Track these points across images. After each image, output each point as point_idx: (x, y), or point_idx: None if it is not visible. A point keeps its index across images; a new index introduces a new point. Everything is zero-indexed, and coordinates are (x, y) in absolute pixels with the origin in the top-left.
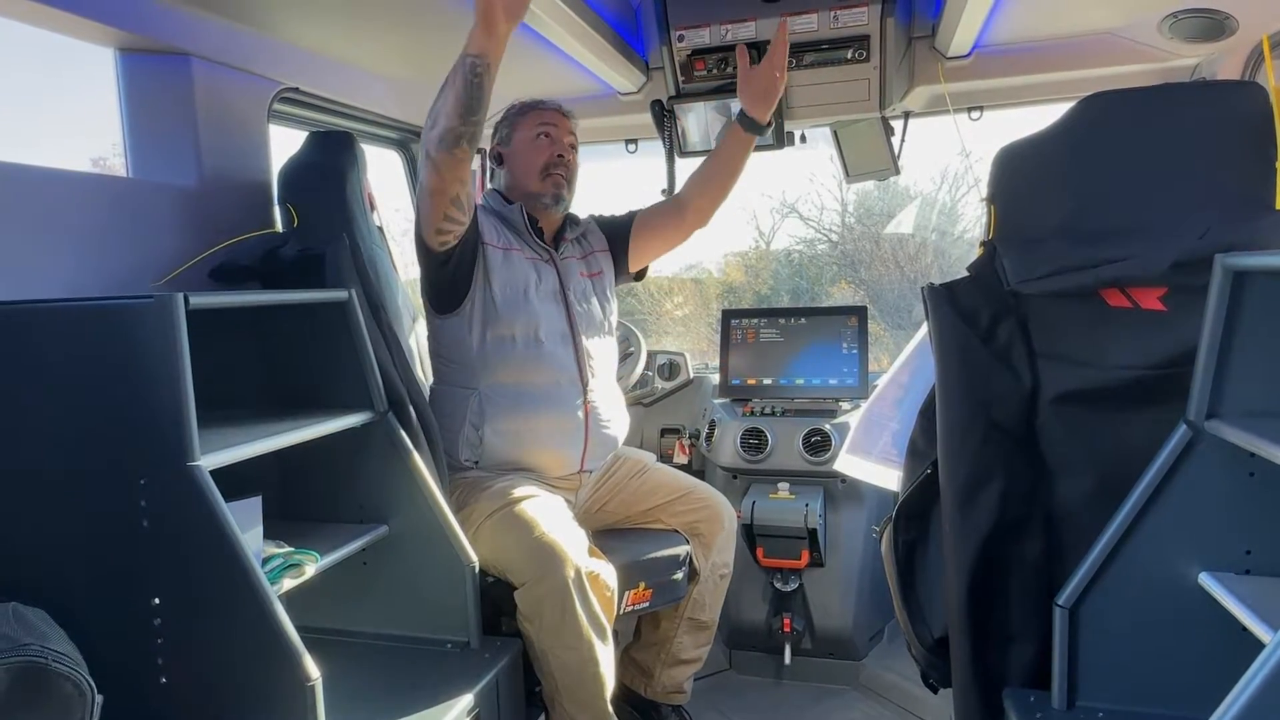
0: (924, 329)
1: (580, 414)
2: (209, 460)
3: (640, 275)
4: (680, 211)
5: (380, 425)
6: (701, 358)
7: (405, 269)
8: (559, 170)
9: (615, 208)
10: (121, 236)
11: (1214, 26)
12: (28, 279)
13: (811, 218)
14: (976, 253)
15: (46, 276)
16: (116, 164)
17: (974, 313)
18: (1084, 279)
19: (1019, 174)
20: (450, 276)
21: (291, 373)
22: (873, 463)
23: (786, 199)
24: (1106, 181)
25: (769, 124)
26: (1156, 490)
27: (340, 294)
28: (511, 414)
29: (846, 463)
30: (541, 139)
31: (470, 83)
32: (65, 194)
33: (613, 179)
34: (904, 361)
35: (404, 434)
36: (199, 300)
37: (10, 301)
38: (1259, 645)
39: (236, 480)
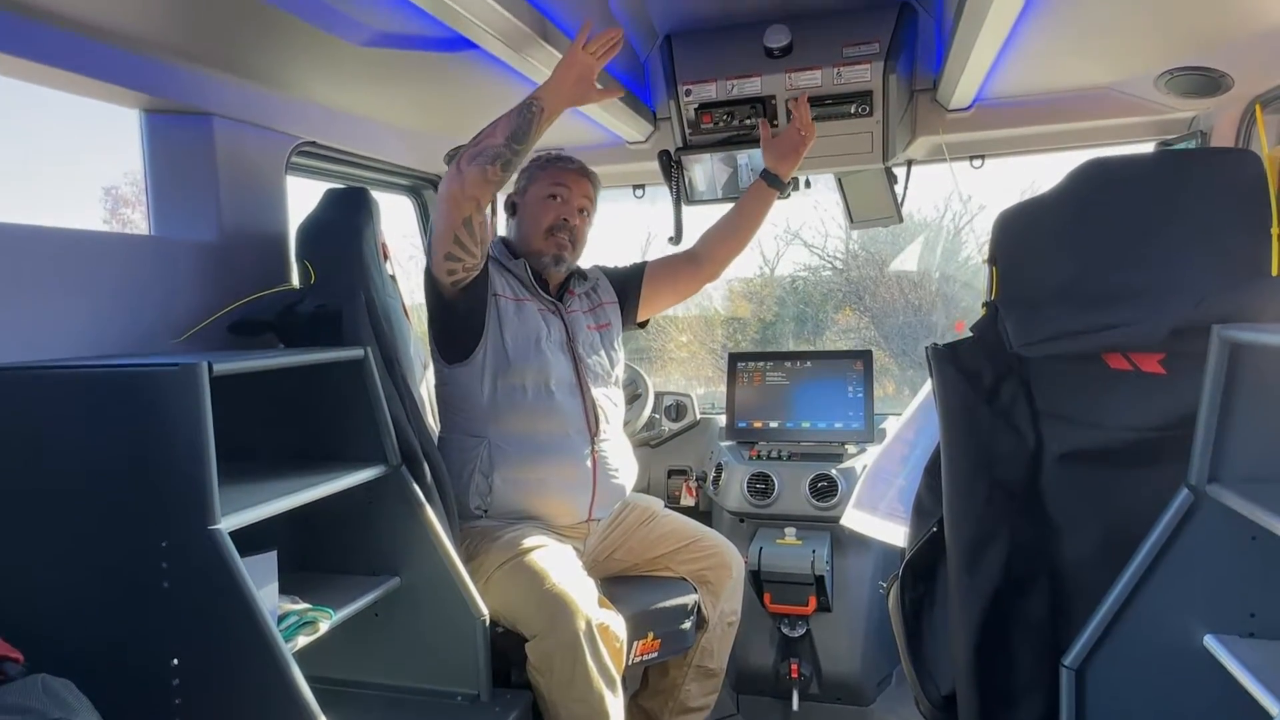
0: (928, 386)
1: (589, 463)
2: (229, 522)
3: (644, 324)
4: (695, 264)
5: (393, 478)
6: (706, 384)
7: (418, 319)
8: (562, 234)
9: (625, 241)
10: (143, 293)
11: (1209, 84)
12: (50, 339)
13: (816, 245)
14: (980, 310)
15: (69, 335)
16: (127, 192)
17: (977, 373)
18: (1085, 343)
19: (1019, 237)
20: (461, 324)
21: (307, 426)
22: (879, 518)
23: (790, 226)
24: (1105, 246)
25: (791, 182)
26: (1160, 553)
27: (356, 352)
28: (521, 463)
29: (853, 518)
30: (552, 200)
31: (524, 114)
32: (88, 254)
33: (620, 220)
34: (909, 418)
35: (416, 487)
36: (222, 366)
37: (35, 364)
38: (1264, 713)
39: (251, 531)
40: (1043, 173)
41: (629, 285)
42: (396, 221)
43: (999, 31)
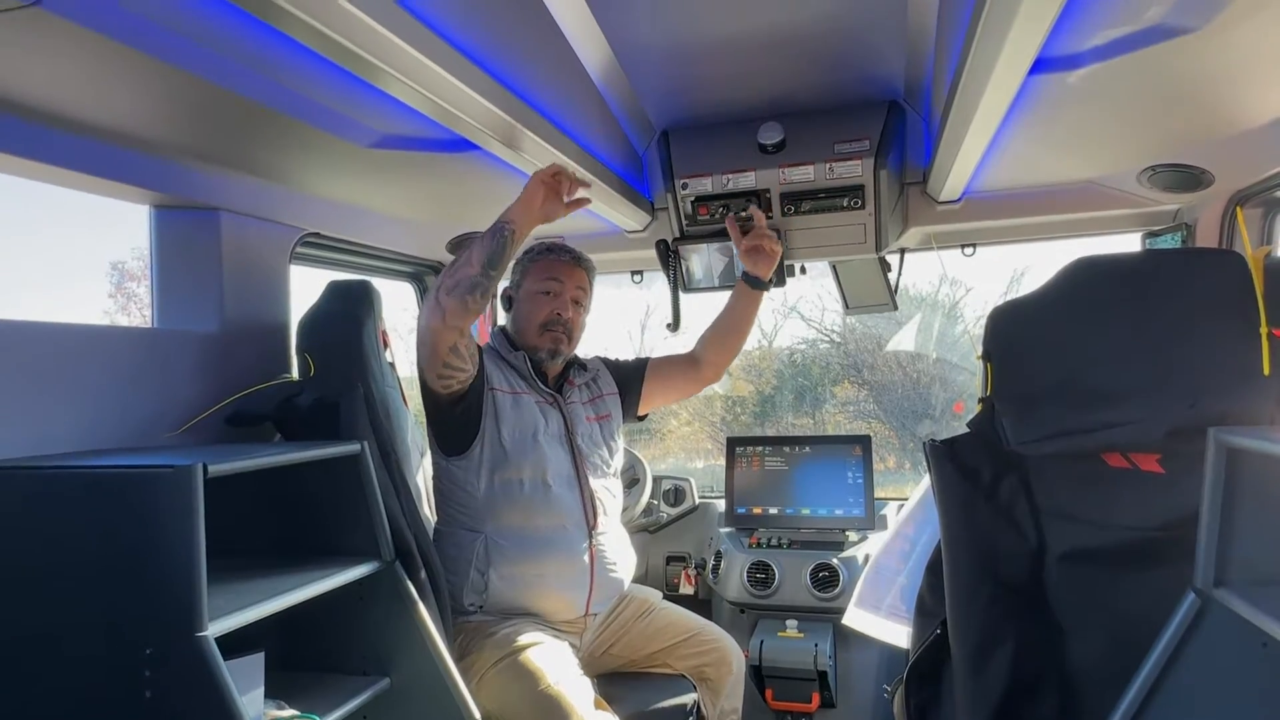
0: (927, 481)
1: (586, 558)
2: (217, 627)
3: (643, 417)
4: (696, 366)
5: (386, 574)
6: (705, 457)
7: (416, 403)
8: (557, 328)
9: (624, 320)
10: (143, 385)
11: (1190, 180)
12: (48, 433)
13: (813, 318)
14: (973, 388)
15: (66, 429)
16: (134, 267)
17: (976, 470)
18: (1082, 443)
19: (1012, 334)
20: (459, 421)
21: (300, 518)
22: (881, 618)
23: (787, 299)
24: (1097, 345)
25: (773, 280)
26: (1170, 661)
27: (353, 447)
28: (518, 558)
29: (855, 618)
30: (545, 295)
31: (497, 240)
32: (89, 349)
33: (619, 298)
34: (909, 514)
35: (409, 583)
36: (217, 467)
37: (25, 463)
38: None
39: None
40: (1034, 257)
41: (630, 379)
42: (398, 295)
43: (985, 132)
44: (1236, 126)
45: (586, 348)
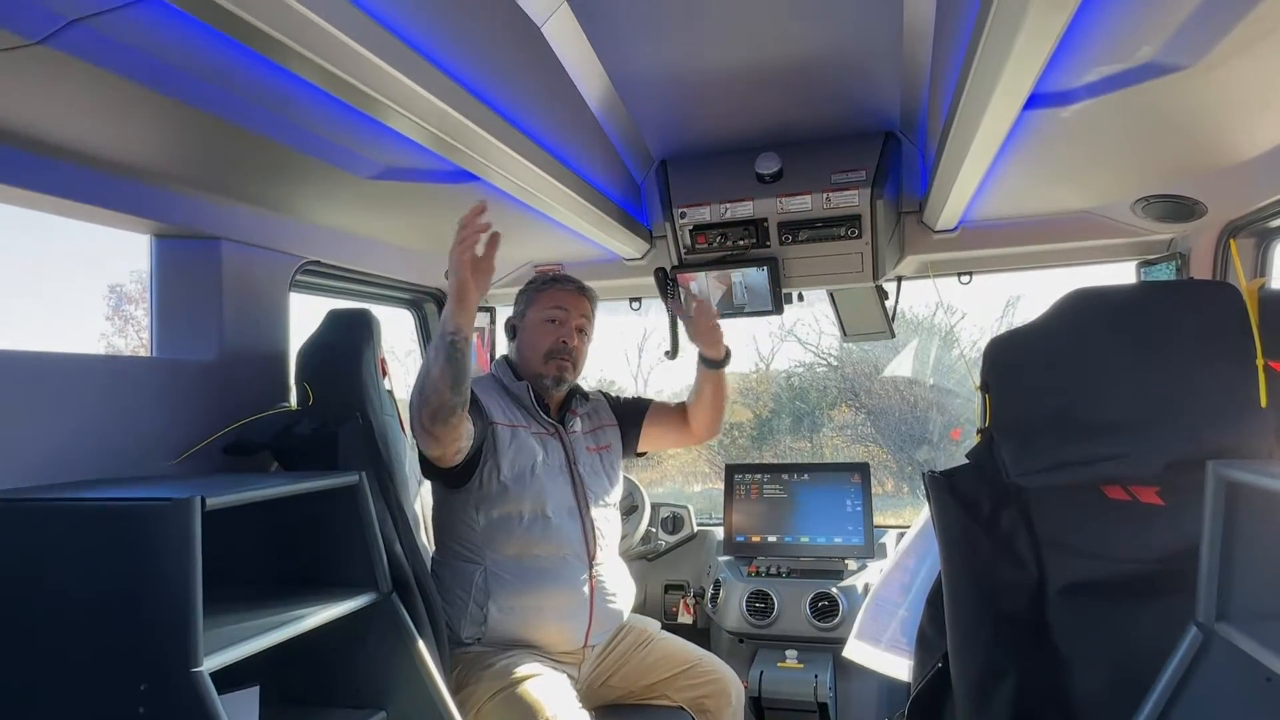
0: (926, 512)
1: (585, 589)
2: (212, 662)
3: (642, 454)
4: (687, 425)
5: (383, 605)
6: (703, 480)
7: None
8: (562, 356)
9: (622, 343)
10: (142, 414)
11: (1183, 210)
12: (45, 463)
13: (810, 342)
14: (970, 414)
15: (63, 458)
16: (132, 290)
17: (975, 501)
18: (1081, 474)
19: (1010, 365)
20: (460, 466)
21: (298, 548)
22: (882, 650)
23: (785, 323)
24: (1094, 377)
25: (727, 357)
26: (1173, 694)
27: (351, 477)
28: (517, 590)
29: (855, 650)
30: (550, 324)
31: (452, 358)
32: (88, 379)
33: (618, 320)
34: (909, 546)
35: (406, 615)
36: (216, 500)
37: (22, 495)
38: None
39: None
40: (1028, 284)
41: (630, 417)
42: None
43: (980, 164)
44: (1228, 159)
45: (585, 368)
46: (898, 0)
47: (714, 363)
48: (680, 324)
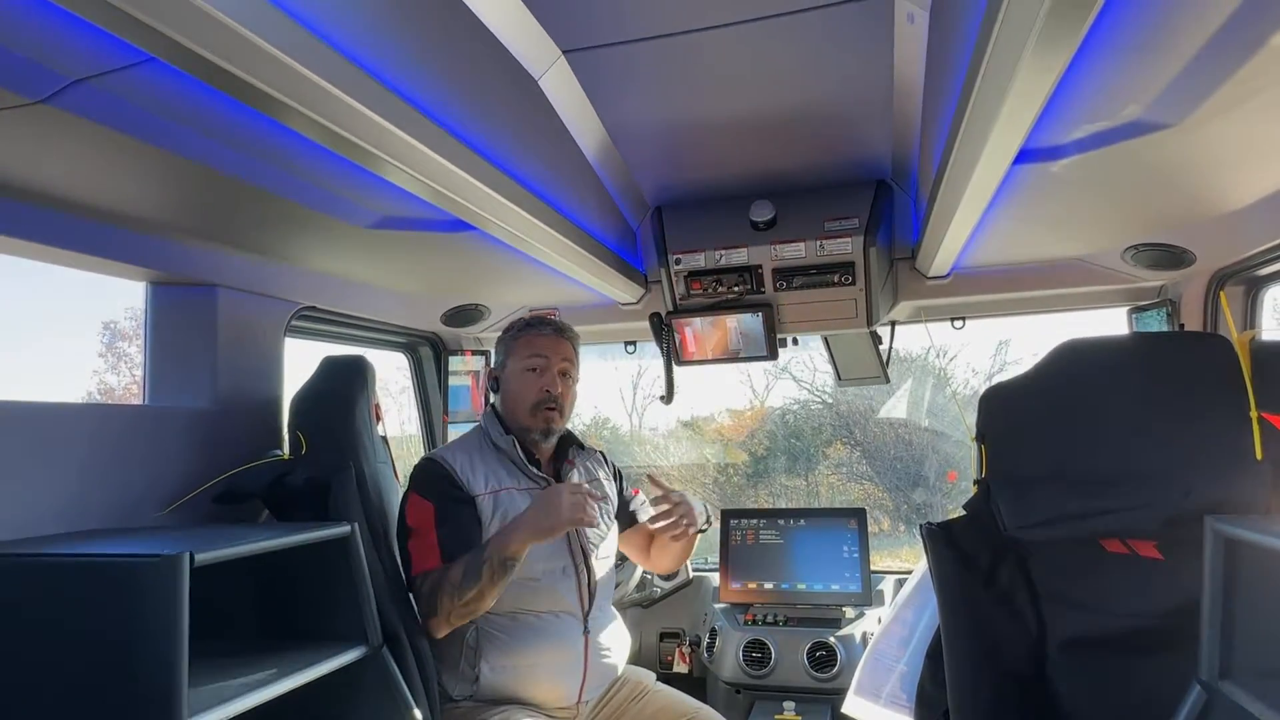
0: (924, 564)
1: (580, 645)
2: None
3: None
4: (649, 555)
5: (373, 660)
6: (702, 500)
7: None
8: (548, 406)
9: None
10: (133, 463)
11: (1173, 258)
12: (31, 513)
13: (804, 379)
14: (965, 452)
15: (52, 508)
16: (126, 326)
17: (973, 554)
18: (1079, 528)
19: (1004, 416)
20: None
21: (287, 600)
22: (881, 706)
23: (779, 360)
24: (1089, 429)
25: (709, 523)
26: None
27: (343, 529)
28: (509, 648)
29: (855, 706)
30: (531, 373)
31: (502, 580)
32: (79, 428)
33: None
34: (907, 598)
35: (397, 670)
36: (205, 555)
37: (6, 550)
38: None
39: None
40: (1017, 326)
41: (621, 495)
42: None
43: (971, 215)
44: (1215, 210)
45: (579, 405)
46: (888, 55)
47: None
48: (675, 370)
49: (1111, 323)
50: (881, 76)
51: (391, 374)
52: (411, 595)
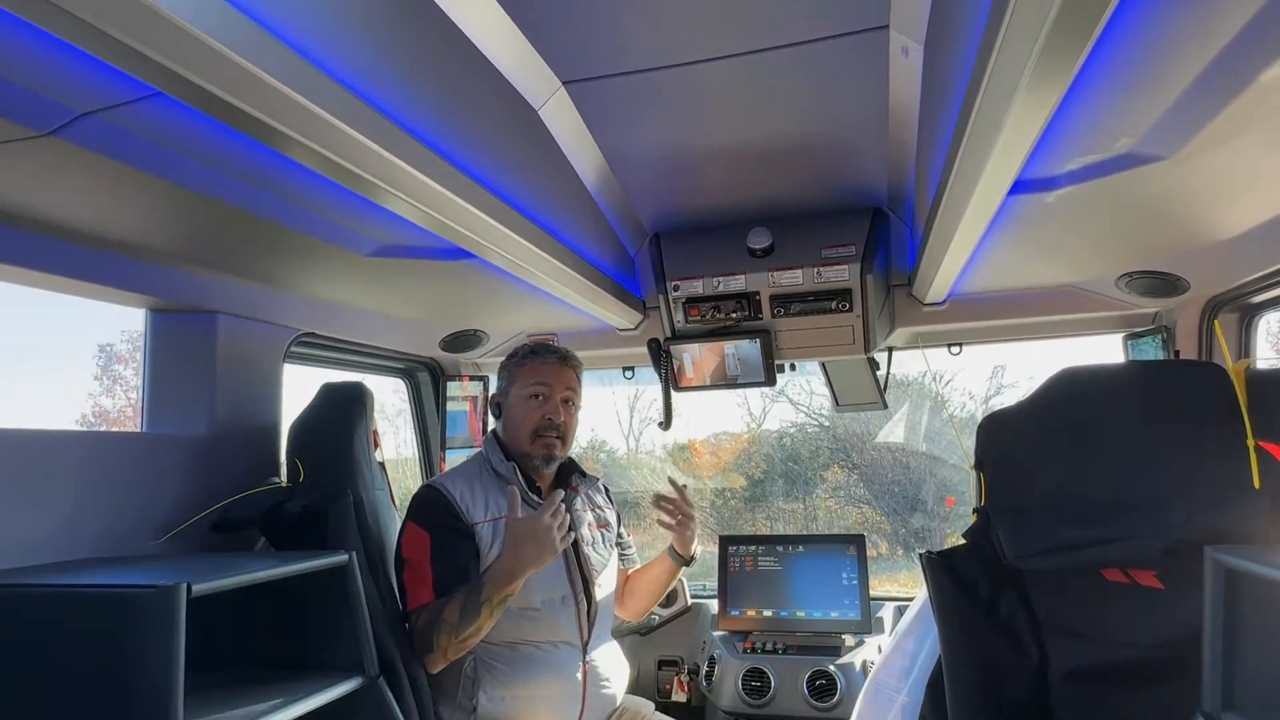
0: (924, 594)
1: (579, 675)
2: None
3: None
4: (623, 599)
5: (370, 691)
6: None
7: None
8: (550, 434)
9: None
10: (130, 491)
11: (1166, 286)
12: (27, 541)
13: (801, 402)
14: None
15: (48, 537)
16: (122, 349)
17: (973, 583)
18: (1079, 558)
19: (1003, 443)
20: None
21: (284, 629)
22: None
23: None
24: (1087, 458)
25: (692, 559)
26: None
27: (340, 558)
28: (508, 679)
29: None
30: (534, 400)
31: (497, 614)
32: (72, 455)
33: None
34: (907, 628)
35: (394, 701)
36: (202, 586)
37: (1, 580)
38: None
39: None
40: (1012, 350)
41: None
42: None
43: (967, 243)
44: (1207, 238)
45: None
46: (883, 87)
47: (681, 558)
48: (672, 397)
49: (1107, 348)
50: (877, 108)
51: (387, 397)
52: (407, 627)
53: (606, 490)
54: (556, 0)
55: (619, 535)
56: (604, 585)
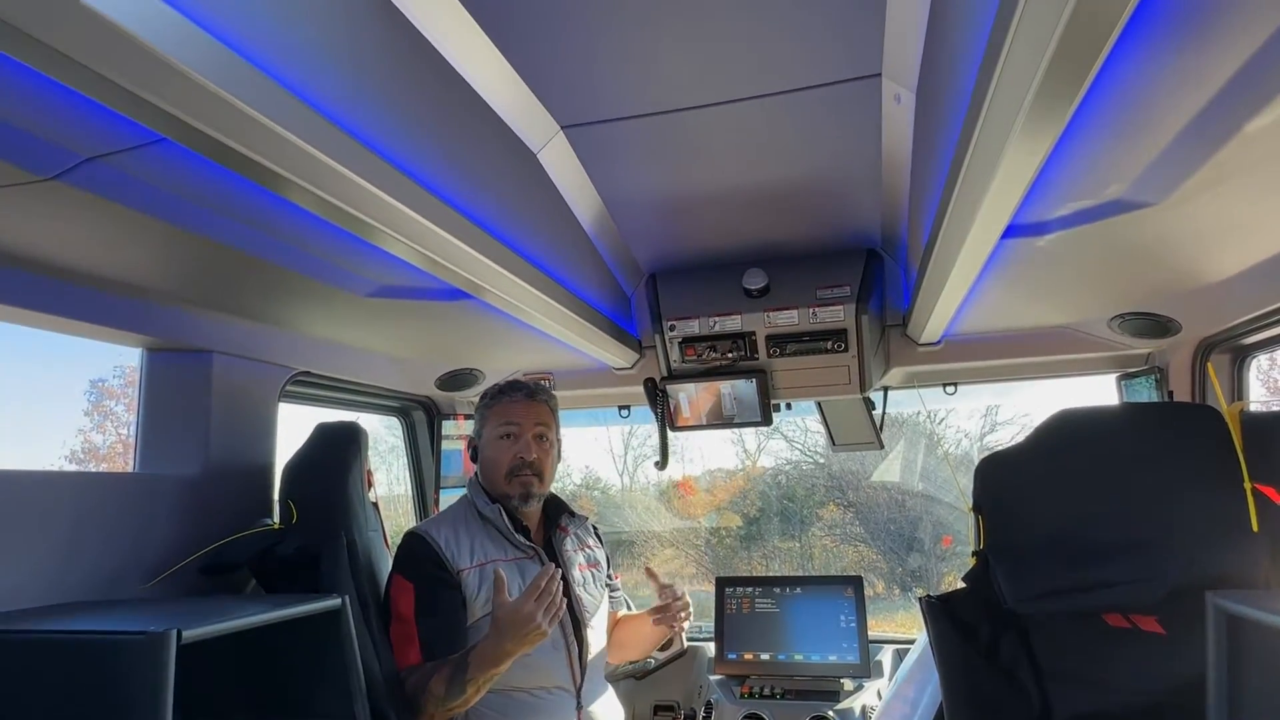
0: (924, 639)
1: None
2: None
3: None
4: (609, 646)
5: None
6: (689, 582)
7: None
8: (524, 471)
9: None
10: (117, 533)
11: (1158, 327)
12: (14, 584)
13: (796, 439)
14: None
15: (35, 579)
16: (114, 385)
17: (974, 628)
18: (1080, 602)
19: (1001, 485)
20: None
21: (273, 673)
22: None
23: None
24: (1086, 501)
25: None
26: None
27: (333, 601)
28: None
29: None
30: (506, 439)
31: (484, 689)
32: (62, 496)
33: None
34: (908, 675)
35: None
36: (192, 633)
37: None
38: None
39: None
40: (1006, 389)
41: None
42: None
43: (961, 285)
44: (1197, 281)
45: (572, 459)
46: (876, 133)
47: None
48: (669, 437)
49: (1101, 389)
50: (870, 152)
51: (380, 433)
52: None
53: (596, 530)
54: (555, 47)
55: (608, 576)
56: (596, 627)
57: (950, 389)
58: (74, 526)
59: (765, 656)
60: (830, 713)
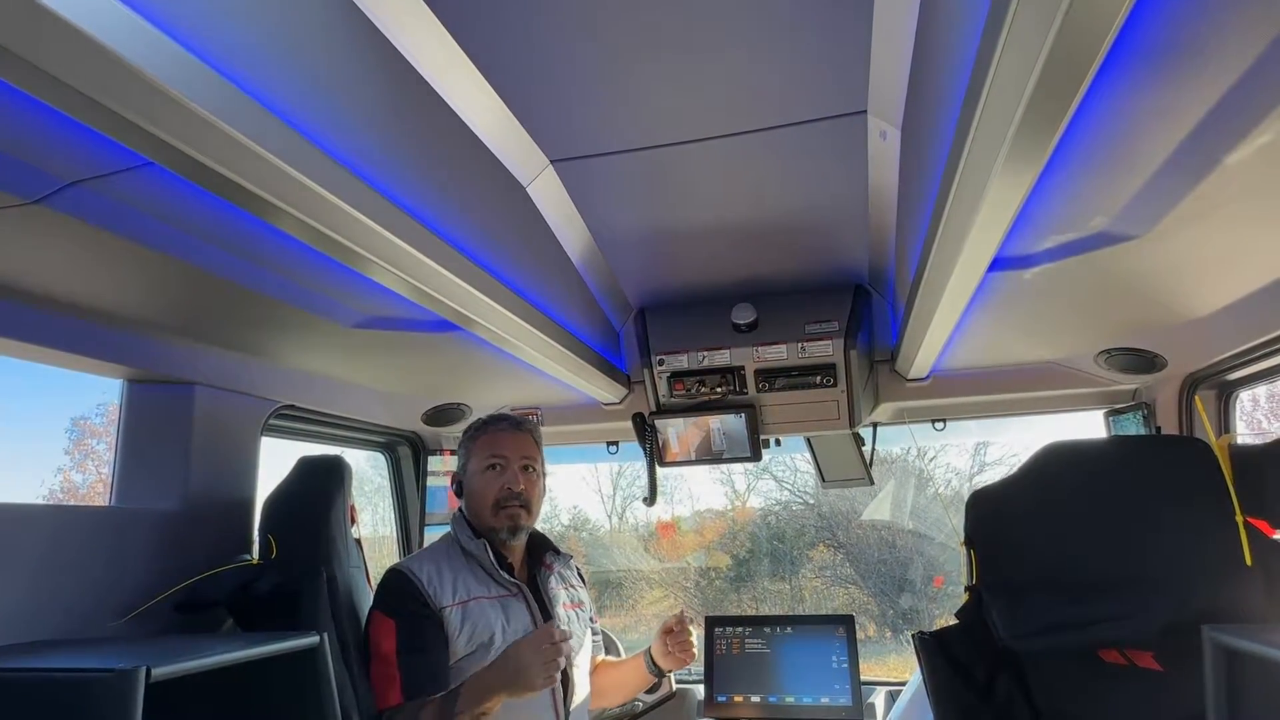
0: (917, 679)
1: None
2: None
3: None
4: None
5: None
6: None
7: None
8: (512, 503)
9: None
10: (91, 569)
11: (1144, 363)
12: None
13: (785, 479)
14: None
15: (4, 616)
16: (95, 423)
17: (969, 666)
18: (1075, 638)
19: (993, 521)
20: None
21: (248, 716)
22: None
23: (761, 460)
24: (1078, 534)
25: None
26: None
27: (310, 639)
28: None
29: None
30: (491, 471)
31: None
32: (33, 530)
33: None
34: (901, 715)
35: None
36: (162, 670)
37: None
38: None
39: None
40: (997, 428)
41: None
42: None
43: (948, 320)
44: (1182, 316)
45: (560, 499)
46: (862, 169)
47: (658, 670)
48: (658, 472)
49: (1089, 425)
50: (857, 188)
51: (367, 473)
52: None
53: (579, 571)
54: (546, 82)
55: (589, 619)
56: (580, 666)
57: (939, 425)
58: (46, 561)
59: (756, 699)
60: None
